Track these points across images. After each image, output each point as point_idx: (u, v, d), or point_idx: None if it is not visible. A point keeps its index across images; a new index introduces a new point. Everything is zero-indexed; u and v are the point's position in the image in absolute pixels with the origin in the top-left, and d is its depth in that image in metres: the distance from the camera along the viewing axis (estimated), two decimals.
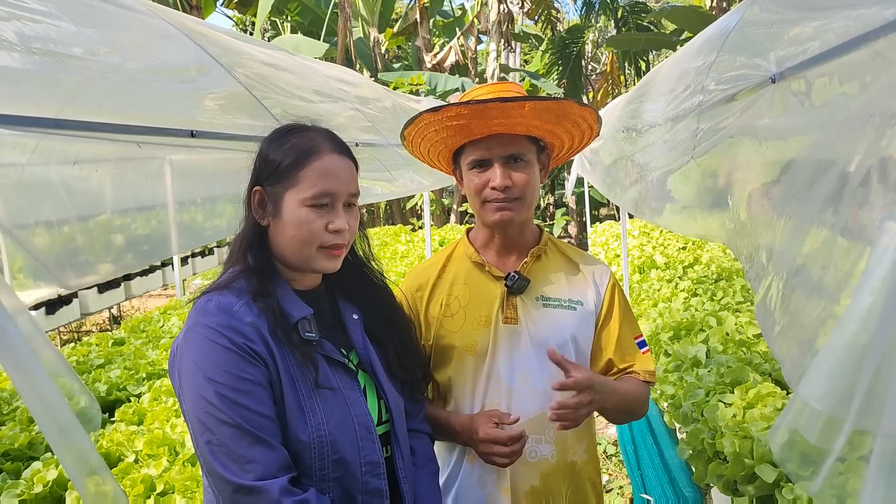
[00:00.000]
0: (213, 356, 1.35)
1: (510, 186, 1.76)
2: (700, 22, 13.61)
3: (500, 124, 1.71)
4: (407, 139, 1.86)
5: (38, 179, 1.96)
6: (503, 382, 1.82)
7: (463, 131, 1.76)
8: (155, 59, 2.19)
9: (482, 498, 1.84)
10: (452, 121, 1.73)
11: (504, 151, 1.76)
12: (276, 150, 1.50)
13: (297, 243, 1.47)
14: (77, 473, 1.18)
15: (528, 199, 1.80)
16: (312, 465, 1.41)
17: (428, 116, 1.74)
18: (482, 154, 1.77)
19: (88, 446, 1.19)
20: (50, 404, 1.12)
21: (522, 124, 1.73)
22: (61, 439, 1.13)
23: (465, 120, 1.71)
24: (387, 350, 1.67)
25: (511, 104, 1.66)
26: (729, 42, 2.14)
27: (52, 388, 1.12)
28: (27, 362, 1.09)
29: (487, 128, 1.73)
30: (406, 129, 1.82)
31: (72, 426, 1.14)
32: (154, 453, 3.22)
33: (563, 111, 1.73)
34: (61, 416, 1.14)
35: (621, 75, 20.12)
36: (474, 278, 1.90)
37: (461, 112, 1.69)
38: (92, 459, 1.17)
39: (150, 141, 2.02)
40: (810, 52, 1.42)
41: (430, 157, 1.92)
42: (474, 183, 1.80)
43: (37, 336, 1.19)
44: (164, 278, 12.21)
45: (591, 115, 1.77)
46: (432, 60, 17.19)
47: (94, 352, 5.58)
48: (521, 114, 1.69)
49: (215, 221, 3.03)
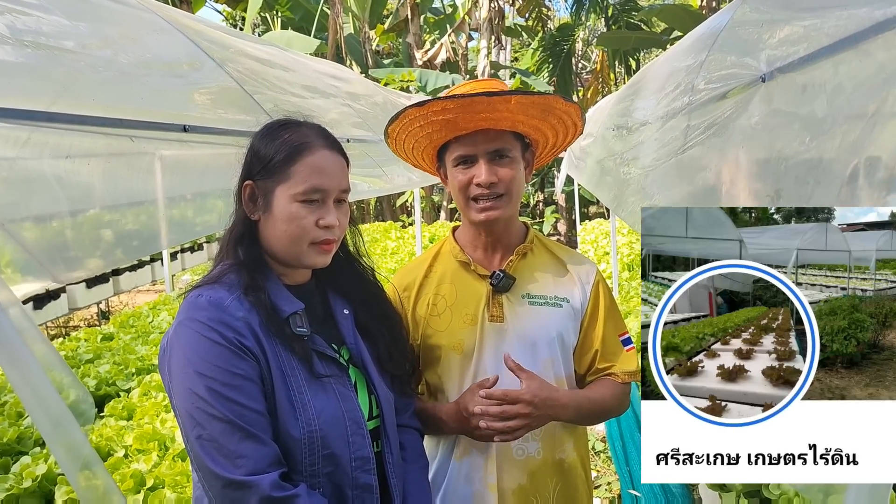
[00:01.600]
0: (204, 351, 1.35)
1: (496, 182, 1.75)
2: (690, 21, 13.66)
3: (486, 119, 1.71)
4: (391, 136, 1.85)
5: (30, 173, 1.96)
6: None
7: (449, 126, 1.75)
8: (147, 53, 2.19)
9: (469, 495, 1.84)
10: (438, 115, 1.72)
11: (489, 147, 1.75)
12: (268, 145, 1.50)
13: (288, 238, 1.47)
14: (70, 466, 1.18)
15: (513, 195, 1.80)
16: (303, 460, 1.41)
17: (413, 111, 1.74)
18: (467, 150, 1.77)
19: (82, 439, 1.19)
20: (43, 397, 1.12)
21: (508, 119, 1.73)
22: (55, 432, 1.13)
23: (451, 114, 1.71)
24: (377, 345, 1.67)
25: (497, 98, 1.66)
26: (719, 41, 2.16)
27: (45, 382, 1.12)
28: (20, 355, 1.09)
29: (473, 122, 1.73)
30: (390, 126, 1.81)
31: (65, 419, 1.14)
32: (144, 448, 3.21)
33: (548, 106, 1.74)
34: (55, 410, 1.14)
35: (611, 73, 20.17)
36: (460, 277, 1.90)
37: (447, 106, 1.69)
38: (85, 452, 1.17)
39: (142, 135, 2.02)
40: (800, 52, 1.44)
41: (414, 155, 1.91)
42: (459, 179, 1.80)
43: (30, 329, 1.19)
44: (153, 273, 12.13)
45: (576, 111, 1.77)
46: (423, 57, 17.17)
47: (82, 346, 5.55)
48: (507, 108, 1.69)
49: (206, 217, 3.03)
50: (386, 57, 20.47)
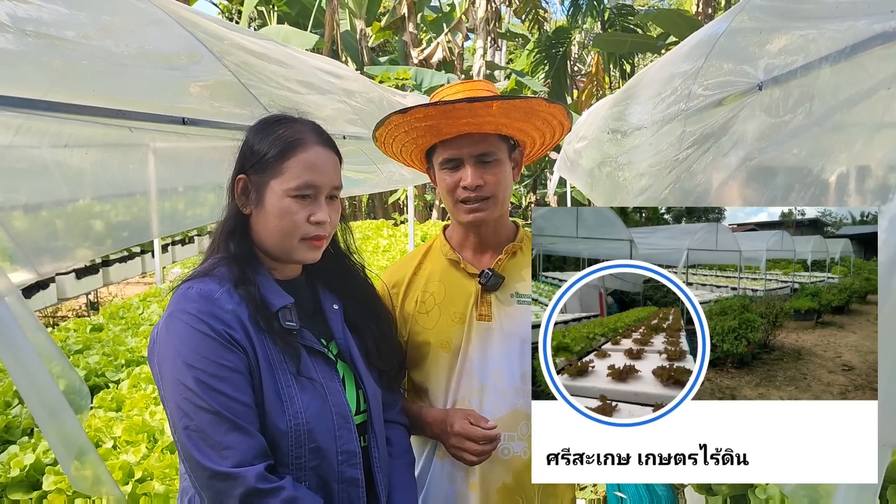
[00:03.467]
0: (193, 342, 1.36)
1: (481, 185, 1.76)
2: (686, 27, 13.71)
3: (469, 124, 1.72)
4: (379, 140, 1.87)
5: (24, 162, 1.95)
6: (475, 379, 1.83)
7: (432, 131, 1.76)
8: (146, 45, 2.19)
9: (452, 494, 1.85)
10: (421, 122, 1.74)
11: (474, 150, 1.76)
12: (262, 140, 1.51)
13: (279, 233, 1.48)
14: (64, 454, 1.19)
15: (500, 197, 1.81)
16: (289, 452, 1.42)
17: (396, 118, 1.75)
18: (453, 153, 1.78)
19: (76, 427, 1.19)
20: (39, 385, 1.12)
21: (491, 123, 1.74)
22: (49, 420, 1.13)
23: (433, 121, 1.72)
24: (366, 340, 1.68)
25: (479, 104, 1.67)
26: (717, 48, 2.18)
27: (41, 369, 1.12)
28: (16, 341, 1.09)
29: (456, 128, 1.73)
30: (377, 131, 1.83)
31: (60, 407, 1.14)
32: (133, 440, 3.20)
33: (531, 109, 1.75)
34: (50, 397, 1.14)
35: (606, 77, 20.22)
36: (449, 275, 1.91)
37: (429, 113, 1.70)
38: (80, 440, 1.17)
39: (141, 126, 2.02)
40: (799, 62, 1.46)
41: (403, 157, 1.93)
42: (446, 182, 1.81)
43: (26, 317, 1.19)
44: (143, 265, 12.08)
45: (561, 111, 1.78)
46: (419, 56, 17.16)
47: (71, 337, 5.52)
48: (490, 113, 1.70)
49: (197, 210, 3.03)
50: (382, 55, 20.44)
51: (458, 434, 1.74)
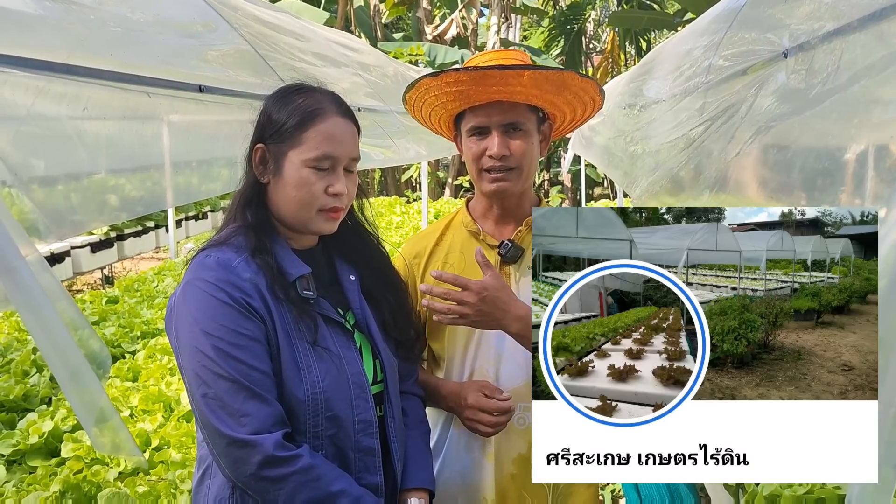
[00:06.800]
0: (211, 310, 1.36)
1: (507, 155, 1.75)
2: (703, 2, 13.49)
3: (499, 92, 1.70)
4: (409, 103, 1.87)
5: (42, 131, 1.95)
6: (493, 348, 1.83)
7: (462, 97, 1.75)
8: (161, 12, 2.18)
9: (468, 463, 1.86)
10: (451, 86, 1.72)
11: (503, 119, 1.75)
12: (281, 109, 1.50)
13: (297, 204, 1.48)
14: (87, 417, 1.19)
15: (525, 169, 1.80)
16: (306, 421, 1.42)
17: (427, 81, 1.74)
18: (481, 121, 1.77)
19: (99, 390, 1.20)
20: (62, 347, 1.13)
21: (522, 93, 1.72)
22: (72, 382, 1.14)
23: (464, 86, 1.71)
24: (382, 310, 1.68)
25: (510, 72, 1.66)
26: (740, 18, 2.14)
27: (63, 332, 1.13)
28: (40, 304, 1.10)
29: (486, 95, 1.72)
30: (407, 93, 1.82)
31: (83, 370, 1.15)
32: (149, 409, 3.24)
33: (563, 82, 1.73)
34: (73, 360, 1.15)
35: (622, 54, 20.00)
36: (469, 247, 1.90)
37: (460, 78, 1.69)
38: (102, 403, 1.18)
39: (159, 92, 2.01)
40: (826, 28, 1.43)
41: (432, 122, 1.92)
42: (472, 150, 1.79)
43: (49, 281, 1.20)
44: (157, 240, 12.14)
45: (593, 87, 1.76)
46: (433, 32, 17.02)
47: (88, 309, 5.58)
48: (520, 82, 1.68)
49: (211, 185, 3.03)
50: (395, 31, 20.28)
51: (472, 406, 1.74)
